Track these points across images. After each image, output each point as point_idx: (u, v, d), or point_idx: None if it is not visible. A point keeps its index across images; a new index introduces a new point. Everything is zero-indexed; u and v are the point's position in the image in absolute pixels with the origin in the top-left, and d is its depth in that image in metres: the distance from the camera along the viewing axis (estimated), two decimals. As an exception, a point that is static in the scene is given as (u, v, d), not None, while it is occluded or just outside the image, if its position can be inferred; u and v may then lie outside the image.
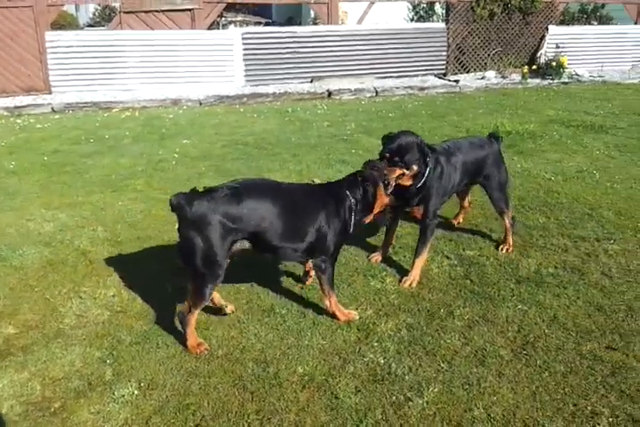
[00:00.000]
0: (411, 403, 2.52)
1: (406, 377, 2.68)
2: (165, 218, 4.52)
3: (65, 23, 24.07)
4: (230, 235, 2.78)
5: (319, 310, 3.20)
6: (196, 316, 2.87)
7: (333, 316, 3.12)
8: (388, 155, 3.35)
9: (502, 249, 3.96)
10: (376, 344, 2.92)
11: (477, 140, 4.01)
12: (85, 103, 9.07)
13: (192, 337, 2.86)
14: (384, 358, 2.81)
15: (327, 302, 3.10)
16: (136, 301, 3.35)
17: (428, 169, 3.45)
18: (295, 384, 2.63)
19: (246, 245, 2.90)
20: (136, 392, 2.61)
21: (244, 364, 2.77)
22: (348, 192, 3.09)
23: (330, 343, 2.92)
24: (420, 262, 3.59)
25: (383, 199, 3.15)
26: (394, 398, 2.55)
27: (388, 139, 3.45)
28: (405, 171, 3.34)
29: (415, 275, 3.56)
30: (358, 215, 3.11)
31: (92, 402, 2.56)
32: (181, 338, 2.92)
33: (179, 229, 2.78)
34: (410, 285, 3.51)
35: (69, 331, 3.07)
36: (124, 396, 2.59)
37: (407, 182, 3.42)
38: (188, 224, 2.75)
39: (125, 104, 9.14)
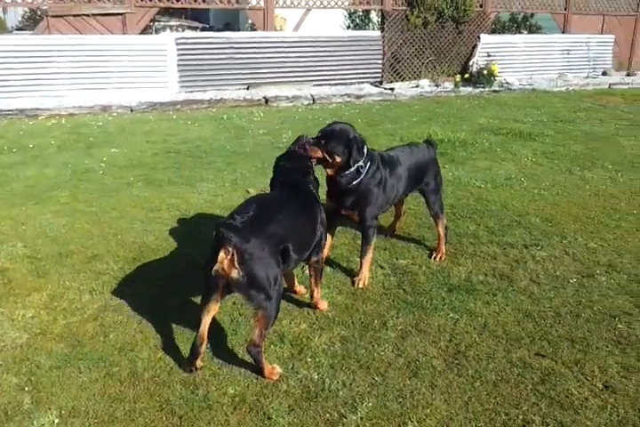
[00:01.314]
0: (345, 420, 2.47)
1: (340, 393, 2.64)
2: (90, 232, 4.35)
3: (-9, 27, 23.07)
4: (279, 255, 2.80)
5: (250, 327, 3.11)
6: None
7: (315, 306, 3.28)
8: (318, 137, 3.44)
9: (435, 257, 4.00)
10: (310, 360, 2.87)
11: (417, 148, 4.05)
12: (10, 111, 8.63)
13: (267, 365, 2.71)
14: (318, 374, 2.76)
15: (317, 293, 3.23)
16: (56, 322, 3.17)
17: (362, 169, 3.46)
18: (226, 406, 2.54)
19: None
20: (57, 421, 2.46)
21: (172, 386, 2.66)
22: (311, 186, 3.25)
23: (262, 360, 2.85)
24: (367, 262, 3.63)
25: None
26: (327, 415, 2.50)
27: (327, 125, 3.56)
28: (327, 156, 3.38)
29: (364, 274, 3.61)
30: None
31: (7, 434, 2.39)
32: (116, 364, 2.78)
33: (240, 264, 2.59)
34: (363, 284, 3.58)
35: (-17, 356, 2.88)
36: (43, 425, 2.44)
37: (330, 172, 3.49)
38: (250, 257, 2.62)
39: (52, 111, 8.77)
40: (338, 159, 3.41)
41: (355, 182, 3.49)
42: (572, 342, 3.04)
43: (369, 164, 3.52)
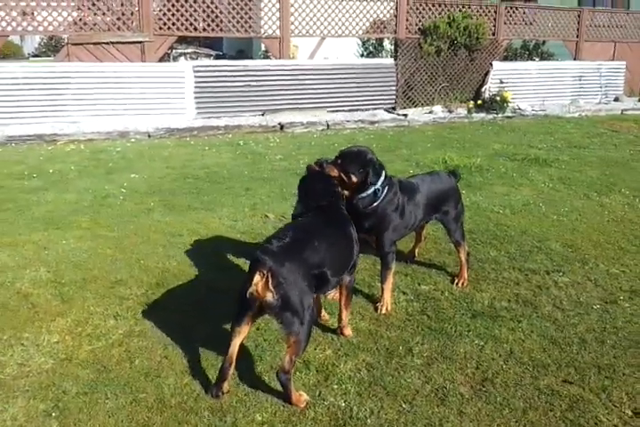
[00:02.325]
0: (373, 448, 2.45)
1: (368, 420, 2.62)
2: (112, 257, 4.38)
3: (9, 53, 23.62)
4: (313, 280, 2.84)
5: (275, 353, 3.11)
6: None
7: (342, 330, 3.28)
8: (336, 157, 3.51)
9: (457, 283, 3.99)
10: (336, 387, 2.85)
11: (438, 176, 4.08)
12: (29, 136, 8.78)
13: (294, 392, 2.71)
14: (345, 402, 2.75)
15: (345, 316, 3.27)
16: (82, 347, 3.17)
17: (379, 193, 3.50)
18: (253, 433, 2.53)
19: None
20: (83, 447, 2.45)
21: (200, 413, 2.64)
22: (342, 208, 3.31)
23: (288, 387, 2.83)
24: (387, 287, 3.63)
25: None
26: (355, 443, 2.48)
27: (346, 147, 3.69)
28: (343, 175, 3.41)
29: (387, 300, 3.61)
30: None
31: (35, 461, 2.38)
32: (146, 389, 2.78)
33: (274, 287, 2.61)
34: (386, 310, 3.57)
35: (11, 381, 2.88)
36: (70, 452, 2.43)
37: (348, 193, 3.50)
38: (285, 281, 2.65)
39: (71, 137, 8.91)
40: (354, 179, 3.45)
41: (372, 206, 3.53)
42: (598, 368, 3.01)
43: (387, 188, 3.56)
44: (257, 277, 2.60)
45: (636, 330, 3.39)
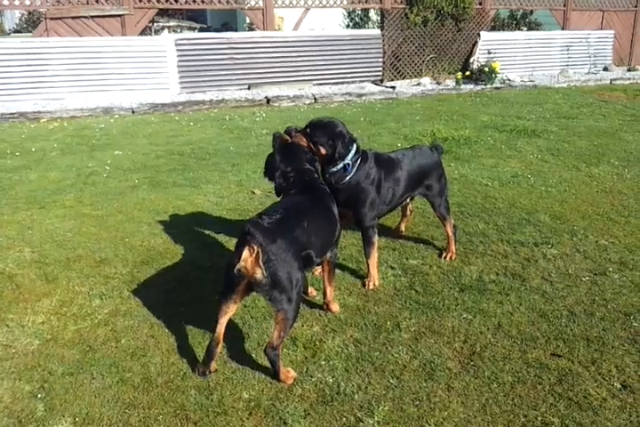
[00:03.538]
0: (361, 424, 2.44)
1: (356, 396, 2.61)
2: (97, 236, 4.32)
3: (-11, 30, 23.08)
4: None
5: (263, 330, 3.09)
6: None
7: (328, 306, 3.26)
8: (305, 126, 3.45)
9: (445, 257, 3.97)
10: (324, 363, 2.84)
11: (420, 150, 4.01)
12: (11, 114, 8.61)
13: (282, 368, 2.68)
14: (332, 377, 2.73)
15: (330, 291, 3.24)
16: (67, 327, 3.14)
17: (349, 168, 3.44)
18: (241, 411, 2.51)
19: None
20: (70, 428, 2.43)
21: (186, 392, 2.63)
22: (319, 180, 3.28)
23: (276, 364, 2.82)
24: (373, 262, 3.60)
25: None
26: (344, 419, 2.47)
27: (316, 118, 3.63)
28: (312, 146, 3.36)
29: (373, 275, 3.59)
30: None
31: (21, 442, 2.36)
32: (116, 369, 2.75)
33: (264, 263, 2.55)
34: (374, 285, 3.57)
35: (-5, 364, 2.85)
36: (57, 433, 2.41)
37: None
38: (275, 258, 2.59)
39: (54, 114, 8.74)
40: (322, 150, 3.38)
41: (344, 181, 3.47)
42: (587, 341, 3.01)
43: (358, 162, 3.49)
44: (246, 253, 2.53)
45: (626, 302, 3.39)
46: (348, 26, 15.40)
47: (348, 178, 3.47)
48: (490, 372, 2.77)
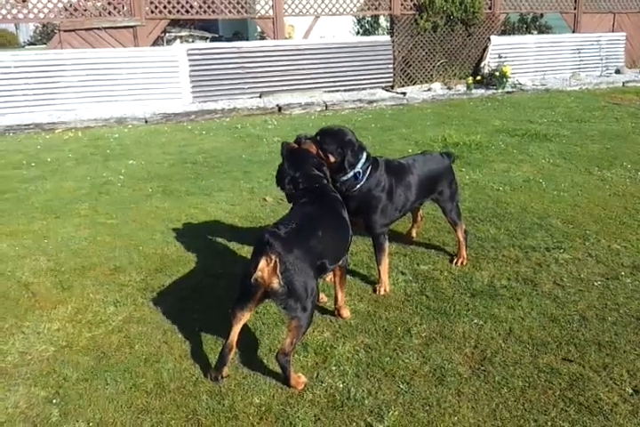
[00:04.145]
0: (372, 429, 2.46)
1: (366, 401, 2.63)
2: (111, 244, 4.38)
3: (5, 42, 23.48)
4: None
5: (274, 336, 3.12)
6: None
7: (339, 311, 3.28)
8: (315, 134, 3.48)
9: (456, 262, 3.97)
10: (334, 368, 2.86)
11: (430, 156, 4.03)
12: (27, 125, 8.75)
13: (293, 374, 2.71)
14: (343, 383, 2.75)
15: (341, 297, 3.25)
16: (82, 334, 3.19)
17: (360, 175, 3.46)
18: (252, 416, 2.53)
19: None
20: (85, 433, 2.47)
21: (198, 397, 2.66)
22: (329, 187, 3.29)
23: (287, 370, 2.84)
24: (384, 268, 3.61)
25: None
26: (354, 424, 2.49)
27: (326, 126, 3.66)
28: (321, 153, 3.38)
29: (384, 281, 3.61)
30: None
31: (37, 447, 2.41)
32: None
33: (282, 273, 2.60)
34: (384, 291, 3.58)
35: (12, 369, 2.90)
36: (72, 438, 2.45)
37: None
38: (293, 267, 2.64)
39: (68, 125, 8.87)
40: (332, 158, 3.40)
41: (354, 189, 3.49)
42: (599, 346, 3.00)
43: (369, 170, 3.51)
44: (263, 263, 2.56)
45: (638, 306, 3.37)
46: (358, 33, 15.46)
47: (358, 186, 3.49)
48: (500, 377, 2.77)
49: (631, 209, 4.95)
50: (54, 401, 2.67)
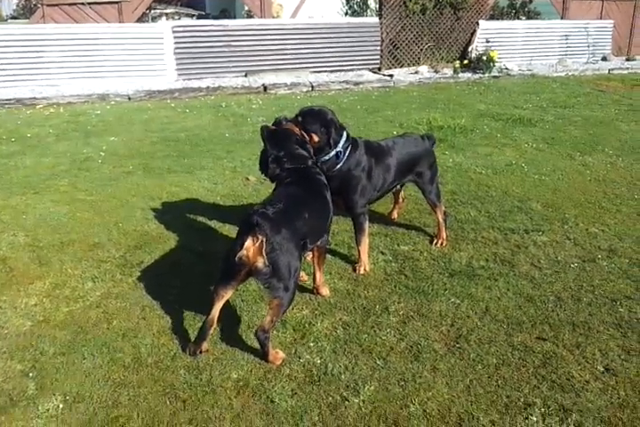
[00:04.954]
0: (347, 403, 2.49)
1: (342, 377, 2.65)
2: (90, 220, 4.35)
3: (-15, 16, 22.96)
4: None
5: (253, 313, 3.13)
6: None
7: (318, 290, 3.30)
8: (296, 115, 3.46)
9: (436, 243, 4.00)
10: (312, 344, 2.88)
11: (410, 138, 4.03)
12: (7, 100, 8.60)
13: (272, 350, 2.72)
14: (320, 359, 2.78)
15: (320, 276, 3.28)
16: (59, 309, 3.17)
17: (341, 155, 3.46)
18: (229, 390, 2.55)
19: None
20: (61, 406, 2.47)
21: (176, 371, 2.67)
22: (314, 169, 3.27)
23: (265, 346, 2.86)
24: (364, 248, 3.63)
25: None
26: (330, 398, 2.52)
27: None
28: (304, 134, 3.37)
29: (364, 260, 3.63)
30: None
31: (14, 418, 2.40)
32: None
33: (267, 253, 2.59)
34: (364, 270, 3.60)
35: (-12, 344, 2.89)
36: (48, 410, 2.44)
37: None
38: (279, 248, 2.65)
39: (50, 100, 8.73)
40: (315, 138, 3.40)
41: (335, 168, 3.49)
42: (573, 325, 3.05)
43: (349, 150, 3.52)
44: (249, 242, 2.56)
45: (613, 288, 3.43)
46: (346, 13, 15.30)
47: (339, 166, 3.49)
48: (475, 354, 2.81)
49: (610, 194, 5.01)
50: (30, 375, 2.66)
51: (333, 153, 3.45)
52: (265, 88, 10.02)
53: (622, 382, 2.61)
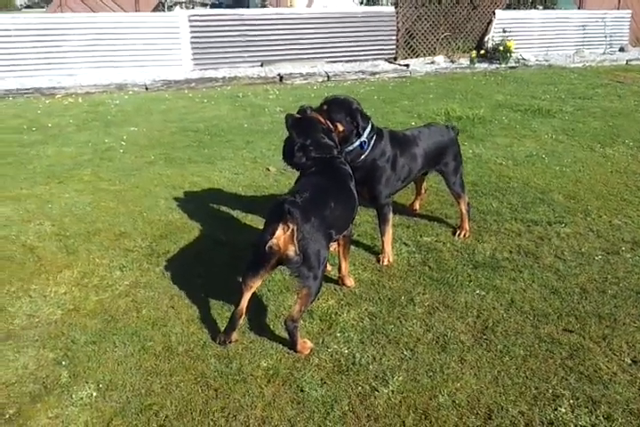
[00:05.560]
0: (376, 393, 2.51)
1: (371, 367, 2.68)
2: (115, 210, 4.39)
3: (1, 5, 22.97)
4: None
5: (279, 303, 3.16)
6: None
7: (343, 280, 3.33)
8: (320, 104, 3.45)
9: (459, 235, 4.00)
10: (339, 335, 2.91)
11: (435, 128, 4.02)
12: (27, 90, 8.66)
13: (300, 340, 2.75)
14: (348, 349, 2.80)
15: (345, 266, 3.30)
16: (89, 298, 3.22)
17: (365, 145, 3.46)
18: (260, 379, 2.59)
19: None
20: (95, 394, 2.51)
21: (206, 360, 2.71)
22: (340, 159, 3.25)
23: (293, 335, 2.89)
24: (387, 239, 3.64)
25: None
26: (359, 388, 2.54)
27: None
28: (329, 123, 3.35)
29: (388, 251, 3.64)
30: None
31: (49, 406, 2.45)
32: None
33: (299, 241, 2.61)
34: (388, 261, 3.61)
35: (20, 332, 2.93)
36: (82, 398, 2.48)
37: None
38: (310, 236, 2.68)
39: (68, 90, 8.78)
40: (340, 127, 3.39)
41: (360, 159, 3.49)
42: (599, 317, 3.05)
43: (374, 140, 3.51)
44: (280, 231, 2.58)
45: (638, 281, 3.41)
46: (361, 2, 15.18)
47: (363, 156, 3.49)
48: (502, 346, 2.83)
49: (632, 186, 4.98)
50: (63, 363, 2.70)
51: (358, 143, 3.46)
52: (281, 78, 10.01)
53: (651, 374, 2.62)
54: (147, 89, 9.13)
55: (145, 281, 3.39)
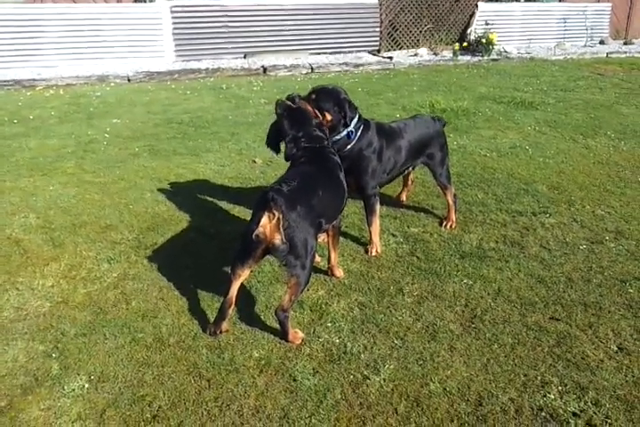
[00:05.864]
0: (368, 381, 2.54)
1: (362, 356, 2.70)
2: (101, 202, 4.35)
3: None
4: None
5: (270, 294, 3.17)
6: None
7: (332, 271, 3.33)
8: (309, 92, 3.46)
9: (446, 225, 4.04)
10: (330, 324, 2.93)
11: (422, 119, 4.04)
12: (6, 81, 8.51)
13: (291, 330, 2.76)
14: (339, 338, 2.82)
15: (334, 256, 3.30)
16: (77, 290, 3.20)
17: (352, 135, 3.47)
18: (252, 369, 2.60)
19: None
20: (87, 385, 2.50)
21: (198, 351, 2.71)
22: (329, 149, 3.25)
23: (283, 326, 2.90)
24: (375, 230, 3.66)
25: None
26: (351, 377, 2.57)
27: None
28: (317, 112, 3.36)
29: (375, 242, 3.66)
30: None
31: (41, 398, 2.44)
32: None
33: (285, 229, 2.60)
34: (376, 252, 3.63)
35: (9, 324, 2.91)
36: (74, 390, 2.48)
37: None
38: (296, 224, 2.67)
39: (49, 82, 8.65)
40: (328, 116, 3.40)
41: (346, 149, 3.50)
42: (584, 306, 3.11)
43: (361, 130, 3.52)
44: (265, 219, 2.57)
45: (622, 269, 3.48)
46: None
47: (350, 146, 3.50)
48: (490, 334, 2.87)
49: (614, 177, 5.05)
50: (53, 355, 2.69)
51: (345, 133, 3.46)
52: (264, 70, 9.96)
53: (636, 360, 2.67)
54: (129, 81, 9.03)
55: (133, 273, 3.37)
